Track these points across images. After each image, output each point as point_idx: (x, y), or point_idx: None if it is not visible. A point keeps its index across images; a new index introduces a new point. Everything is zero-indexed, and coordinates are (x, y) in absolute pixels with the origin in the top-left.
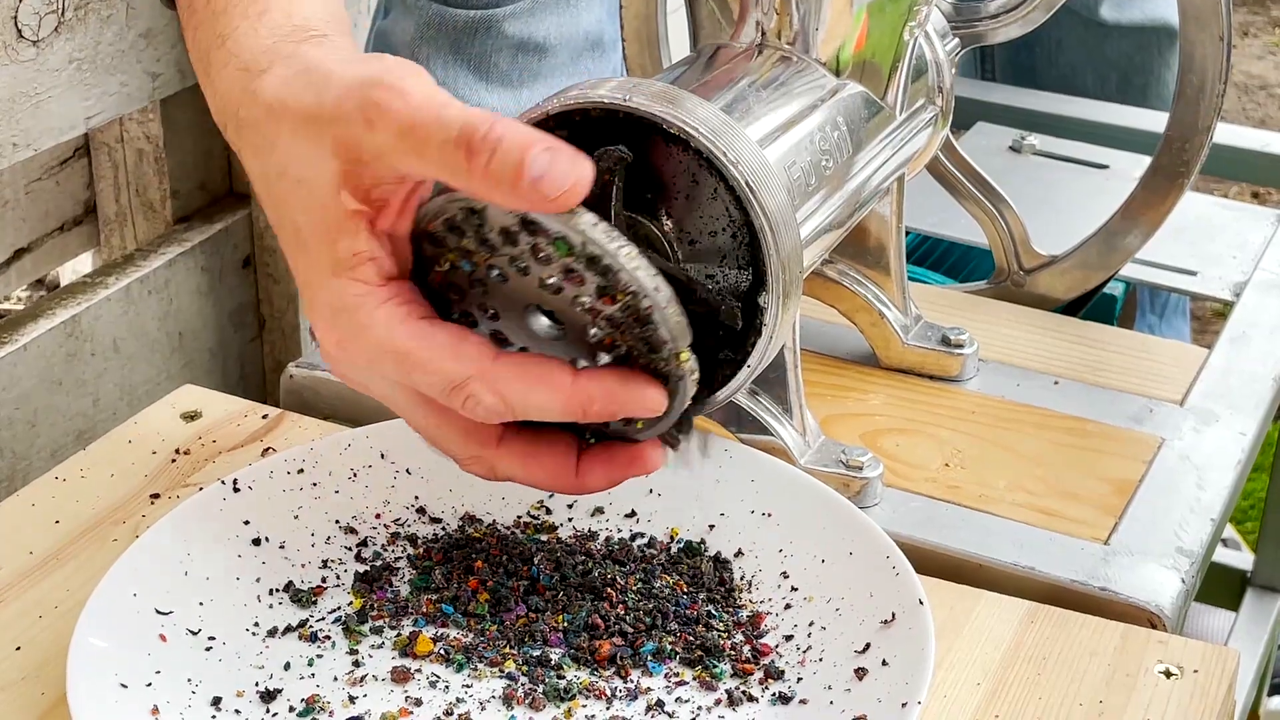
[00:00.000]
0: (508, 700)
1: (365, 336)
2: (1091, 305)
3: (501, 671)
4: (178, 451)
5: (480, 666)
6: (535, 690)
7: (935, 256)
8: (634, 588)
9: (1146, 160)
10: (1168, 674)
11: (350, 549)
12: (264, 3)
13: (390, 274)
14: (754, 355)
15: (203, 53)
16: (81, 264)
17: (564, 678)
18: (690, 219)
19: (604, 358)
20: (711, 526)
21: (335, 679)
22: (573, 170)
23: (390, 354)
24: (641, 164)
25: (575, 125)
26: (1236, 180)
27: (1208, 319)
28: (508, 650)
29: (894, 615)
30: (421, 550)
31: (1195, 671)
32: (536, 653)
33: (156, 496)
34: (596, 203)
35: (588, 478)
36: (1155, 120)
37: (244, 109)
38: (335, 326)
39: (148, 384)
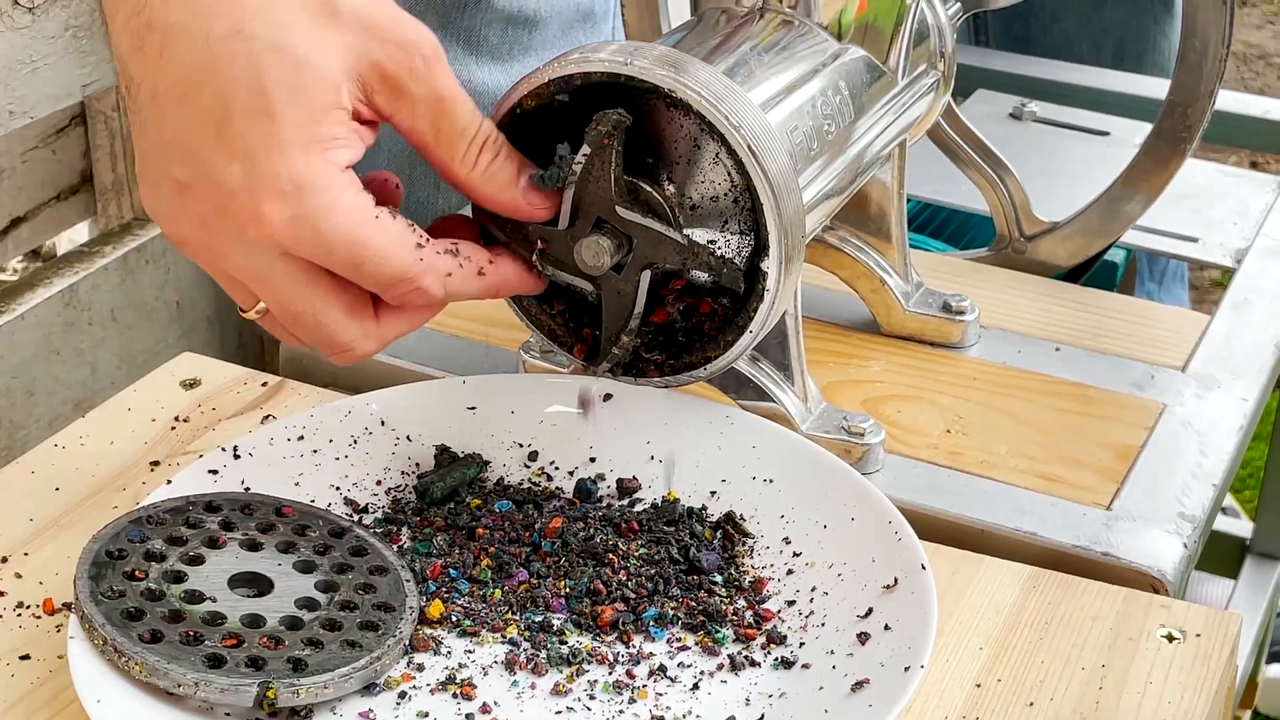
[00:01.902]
0: (510, 666)
1: (329, 218)
2: (1092, 272)
3: (504, 637)
4: (177, 419)
5: (483, 632)
6: (538, 656)
7: (936, 224)
8: (636, 553)
9: (1147, 127)
10: (1170, 638)
11: (351, 515)
12: None
13: (352, 163)
14: (756, 321)
15: None
16: (78, 233)
17: (566, 643)
18: (692, 184)
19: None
20: (713, 493)
21: None
22: (548, 196)
23: (346, 241)
24: (642, 129)
25: (575, 90)
26: (1236, 148)
27: (1206, 288)
28: (510, 616)
29: (896, 580)
30: (421, 517)
31: (1198, 636)
32: (539, 618)
33: (156, 464)
34: (595, 166)
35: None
36: (1155, 87)
37: None
38: (298, 203)
39: (146, 353)
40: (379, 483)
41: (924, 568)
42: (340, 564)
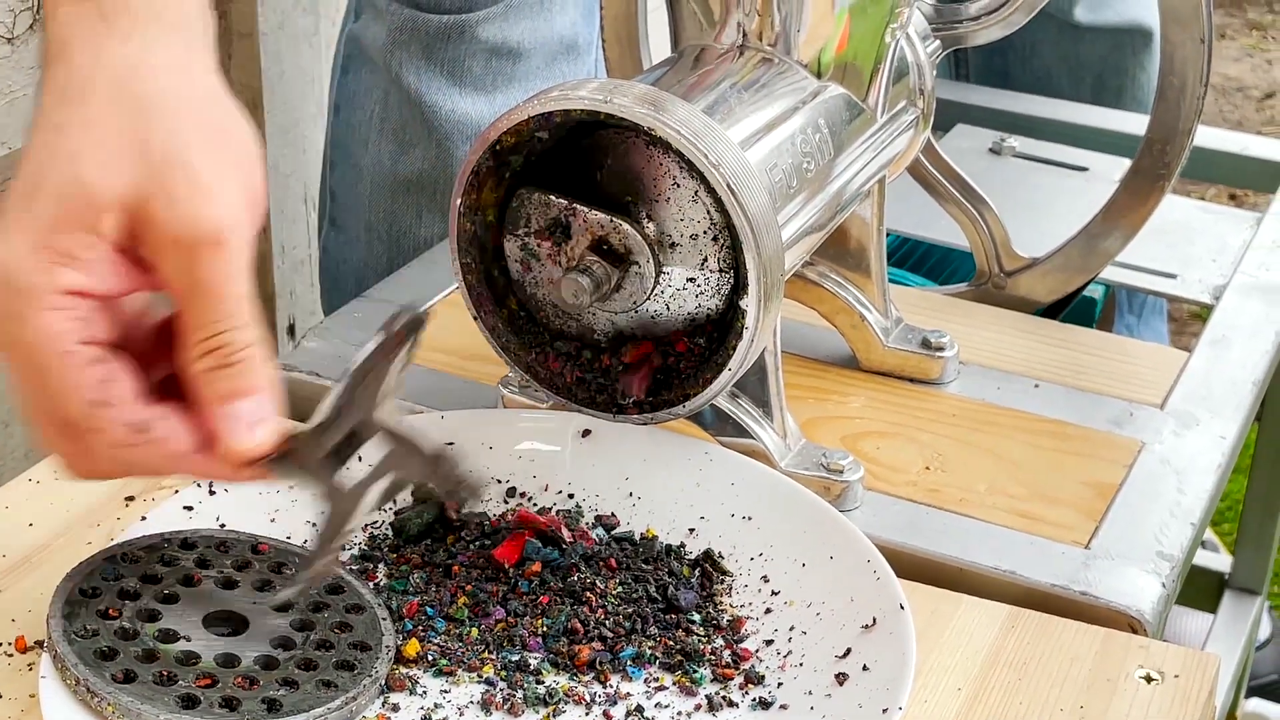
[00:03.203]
0: (486, 706)
1: (19, 326)
2: (1071, 308)
3: (480, 676)
4: None
5: (459, 671)
6: (514, 696)
7: (915, 258)
8: (613, 592)
9: (1126, 162)
10: (1148, 679)
11: None
12: None
13: (79, 290)
14: (735, 358)
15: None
16: None
17: (543, 683)
18: (671, 222)
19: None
20: (691, 530)
21: None
22: (245, 442)
23: (28, 357)
24: (622, 167)
25: (556, 127)
26: (1214, 182)
27: (1184, 320)
28: (486, 655)
29: (875, 620)
30: (398, 554)
31: (1176, 676)
32: (515, 658)
33: (131, 499)
34: (377, 364)
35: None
36: (1133, 122)
37: (77, 51)
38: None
39: None
40: None
41: (902, 607)
42: (316, 602)
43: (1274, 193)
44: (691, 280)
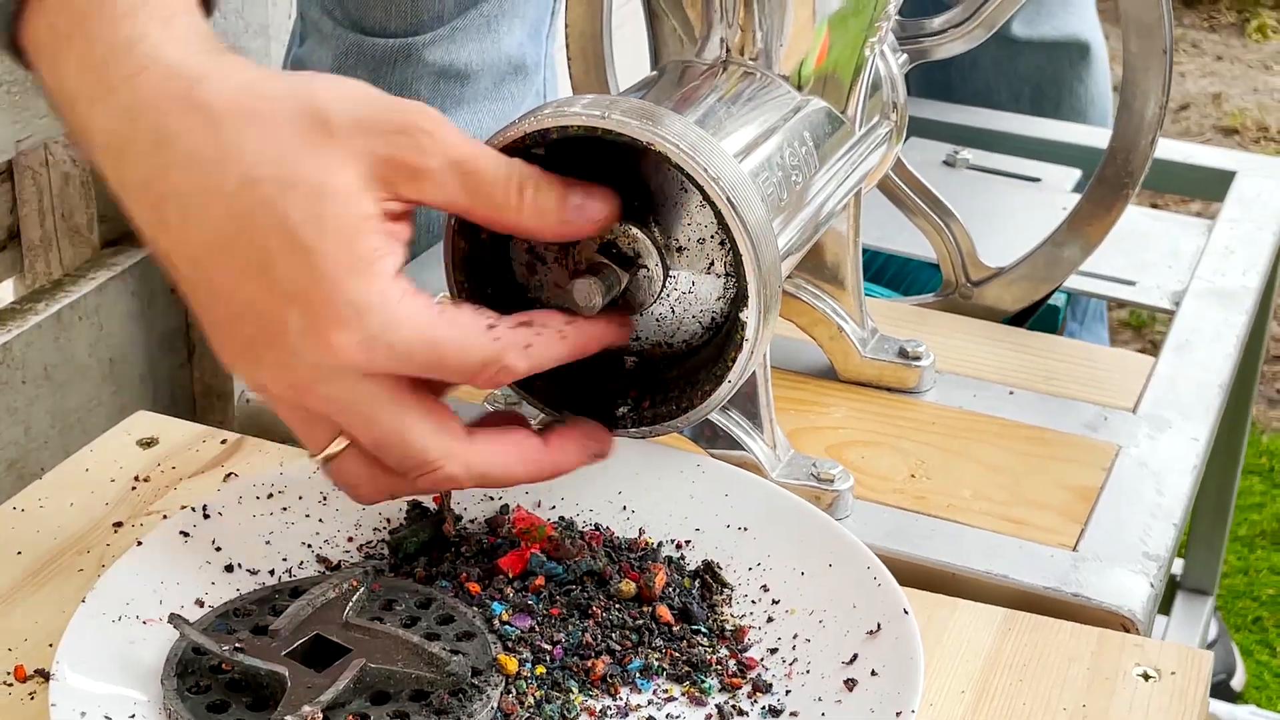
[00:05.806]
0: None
1: (397, 330)
2: (1036, 316)
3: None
4: (137, 479)
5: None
6: (534, 714)
7: (874, 270)
8: (616, 606)
9: (1076, 173)
10: (1146, 676)
11: (324, 572)
12: (170, 7)
13: (400, 269)
14: (735, 370)
15: (92, 65)
16: (3, 291)
17: (558, 697)
18: (679, 226)
19: None
20: (688, 541)
21: None
22: (604, 205)
23: (421, 344)
24: (627, 174)
25: (552, 144)
26: (1161, 191)
27: (1114, 328)
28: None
29: (879, 626)
30: (396, 573)
31: (1173, 674)
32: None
33: (119, 525)
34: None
35: (559, 454)
36: (1080, 133)
37: (176, 117)
38: (362, 326)
39: (79, 411)
40: (350, 539)
41: (906, 612)
42: (429, 633)
43: (1221, 200)
44: (697, 284)
